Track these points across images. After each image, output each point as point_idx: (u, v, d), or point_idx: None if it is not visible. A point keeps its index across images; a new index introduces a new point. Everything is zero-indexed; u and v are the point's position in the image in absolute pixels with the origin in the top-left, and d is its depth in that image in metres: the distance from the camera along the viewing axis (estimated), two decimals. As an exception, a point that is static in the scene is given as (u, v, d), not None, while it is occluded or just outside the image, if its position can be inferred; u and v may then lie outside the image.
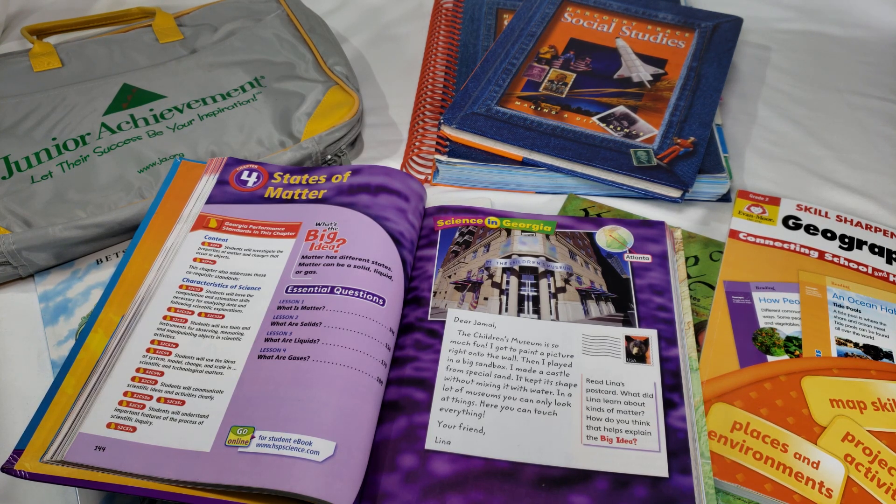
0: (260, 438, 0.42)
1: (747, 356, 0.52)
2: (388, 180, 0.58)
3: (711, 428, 0.48)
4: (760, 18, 0.86)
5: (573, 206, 0.64)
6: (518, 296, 0.54)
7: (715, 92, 0.70)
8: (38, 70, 0.68)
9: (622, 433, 0.46)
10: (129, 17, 0.75)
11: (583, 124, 0.66)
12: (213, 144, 0.63)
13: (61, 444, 0.42)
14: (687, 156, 0.64)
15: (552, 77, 0.72)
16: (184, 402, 0.45)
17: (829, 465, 0.46)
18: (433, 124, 0.70)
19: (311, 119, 0.65)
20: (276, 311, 0.50)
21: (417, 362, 0.50)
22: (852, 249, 0.60)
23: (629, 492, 0.43)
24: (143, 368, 0.47)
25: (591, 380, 0.49)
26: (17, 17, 0.84)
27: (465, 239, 0.58)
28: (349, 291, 0.50)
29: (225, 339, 0.48)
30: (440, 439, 0.46)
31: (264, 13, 0.76)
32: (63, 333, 0.54)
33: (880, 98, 0.76)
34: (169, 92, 0.67)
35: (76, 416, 0.44)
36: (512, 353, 0.50)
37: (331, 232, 0.54)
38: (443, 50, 0.78)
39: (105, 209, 0.57)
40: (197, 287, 0.52)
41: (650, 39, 0.77)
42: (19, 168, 0.59)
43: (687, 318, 0.53)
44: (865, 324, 0.54)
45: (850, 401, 0.49)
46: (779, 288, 0.56)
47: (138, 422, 0.44)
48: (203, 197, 0.57)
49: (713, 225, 0.63)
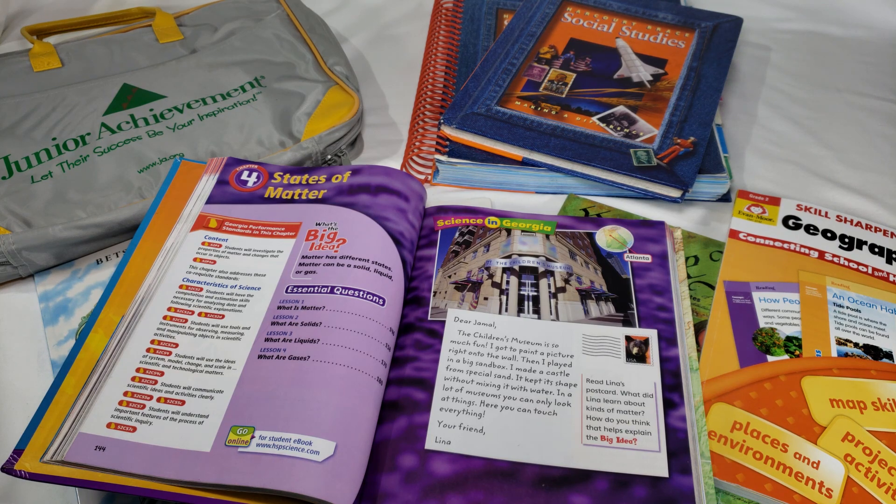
0: (260, 438, 0.42)
1: (747, 356, 0.52)
2: (388, 180, 0.58)
3: (711, 428, 0.48)
4: (760, 18, 0.86)
5: (573, 206, 0.64)
6: (518, 296, 0.54)
7: (715, 92, 0.70)
8: (38, 70, 0.68)
9: (622, 433, 0.46)
10: (129, 17, 0.75)
11: (583, 124, 0.66)
12: (213, 144, 0.63)
13: (61, 444, 0.42)
14: (687, 156, 0.64)
15: (552, 77, 0.72)
16: (184, 402, 0.45)
17: (829, 465, 0.46)
18: (433, 124, 0.70)
19: (311, 119, 0.65)
20: (276, 310, 0.50)
21: (417, 362, 0.50)
22: (852, 249, 0.60)
23: (629, 492, 0.43)
24: (144, 368, 0.47)
25: (591, 380, 0.49)
26: (17, 17, 0.84)
27: (465, 239, 0.58)
28: (349, 291, 0.50)
29: (225, 339, 0.48)
30: (440, 439, 0.46)
31: (264, 13, 0.76)
32: (63, 333, 0.54)
33: (880, 98, 0.76)
34: (169, 92, 0.67)
35: (76, 416, 0.44)
36: (512, 352, 0.50)
37: (331, 232, 0.54)
38: (443, 50, 0.78)
39: (105, 209, 0.57)
40: (197, 287, 0.52)
41: (650, 39, 0.77)
42: (19, 168, 0.59)
43: (687, 318, 0.53)
44: (865, 324, 0.54)
45: (850, 401, 0.49)
46: (779, 288, 0.56)
47: (138, 422, 0.44)
48: (203, 197, 0.57)
49: (713, 225, 0.63)
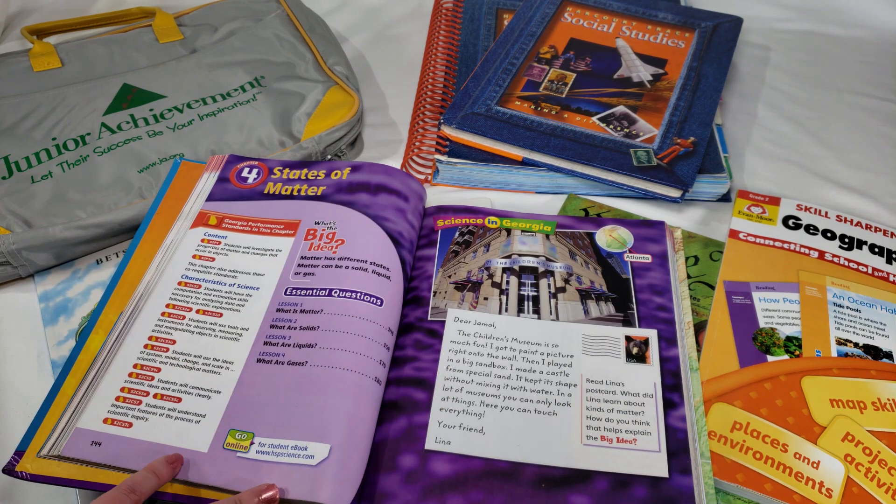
0: (259, 445, 0.42)
1: (747, 356, 0.52)
2: (388, 180, 0.58)
3: (711, 428, 0.48)
4: (760, 18, 0.86)
5: (573, 206, 0.64)
6: (518, 296, 0.54)
7: (715, 92, 0.70)
8: (38, 70, 0.68)
9: (622, 433, 0.46)
10: (129, 17, 0.75)
11: (583, 124, 0.66)
12: (213, 144, 0.63)
13: (58, 438, 0.43)
14: (687, 156, 0.64)
15: (552, 77, 0.72)
16: (180, 399, 0.45)
17: (829, 465, 0.46)
18: (433, 124, 0.70)
19: (311, 119, 0.65)
20: (275, 313, 0.50)
21: (417, 362, 0.50)
22: (852, 249, 0.60)
23: (629, 492, 0.43)
24: (141, 364, 0.47)
25: (591, 380, 0.49)
26: (17, 17, 0.84)
27: (465, 239, 0.58)
28: (347, 294, 0.50)
29: (223, 339, 0.48)
30: (440, 439, 0.46)
31: (264, 13, 0.76)
32: (63, 333, 0.54)
33: (880, 98, 0.76)
34: (169, 92, 0.67)
35: (73, 412, 0.44)
36: (512, 353, 0.50)
37: (329, 232, 0.54)
38: (443, 50, 0.78)
39: (105, 209, 0.57)
40: (195, 284, 0.51)
41: (650, 39, 0.77)
42: (19, 168, 0.59)
43: (687, 318, 0.53)
44: (865, 324, 0.54)
45: (850, 401, 0.49)
46: (779, 288, 0.56)
47: (135, 417, 0.44)
48: (203, 194, 0.57)
49: (713, 225, 0.63)
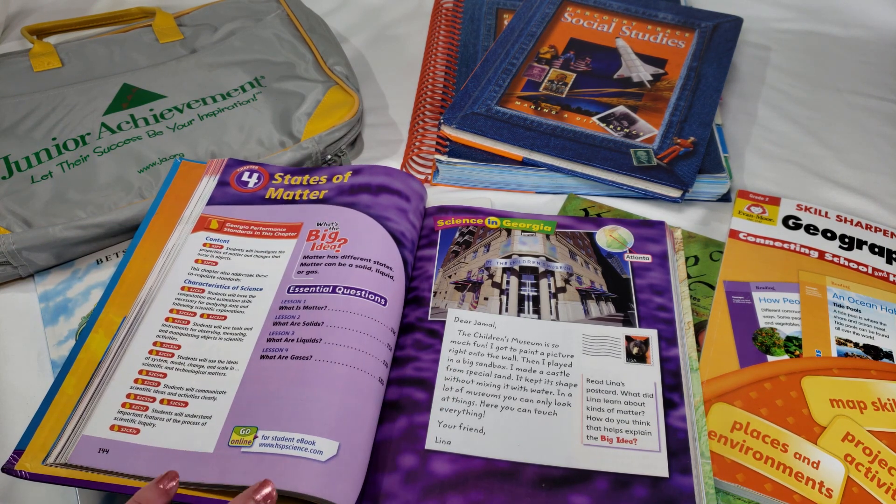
0: (263, 438, 0.42)
1: (747, 356, 0.52)
2: (389, 180, 0.58)
3: (711, 428, 0.48)
4: (760, 18, 0.86)
5: (573, 206, 0.64)
6: (518, 296, 0.54)
7: (715, 92, 0.70)
8: (38, 70, 0.68)
9: (622, 433, 0.46)
10: (129, 17, 0.75)
11: (583, 124, 0.66)
12: (213, 144, 0.63)
13: (65, 446, 0.42)
14: (687, 156, 0.64)
15: (552, 77, 0.72)
16: (187, 403, 0.45)
17: (829, 465, 0.46)
18: (433, 124, 0.70)
19: (311, 119, 0.65)
20: (278, 311, 0.50)
21: (418, 362, 0.50)
22: (852, 249, 0.60)
23: (629, 492, 0.43)
24: (146, 370, 0.47)
25: (591, 380, 0.49)
26: (17, 17, 0.84)
27: (466, 239, 0.58)
28: (351, 291, 0.50)
29: (227, 340, 0.48)
30: (440, 439, 0.46)
31: (264, 13, 0.76)
32: (63, 333, 0.54)
33: (880, 98, 0.76)
34: (169, 92, 0.67)
35: (79, 419, 0.44)
36: (512, 353, 0.50)
37: (332, 232, 0.54)
38: (443, 50, 0.78)
39: (105, 209, 0.57)
40: (199, 288, 0.52)
41: (650, 39, 0.77)
42: (19, 168, 0.59)
43: (687, 318, 0.53)
44: (865, 324, 0.54)
45: (850, 401, 0.49)
46: (779, 288, 0.56)
47: (142, 424, 0.44)
48: (204, 198, 0.57)
49: (713, 225, 0.63)
